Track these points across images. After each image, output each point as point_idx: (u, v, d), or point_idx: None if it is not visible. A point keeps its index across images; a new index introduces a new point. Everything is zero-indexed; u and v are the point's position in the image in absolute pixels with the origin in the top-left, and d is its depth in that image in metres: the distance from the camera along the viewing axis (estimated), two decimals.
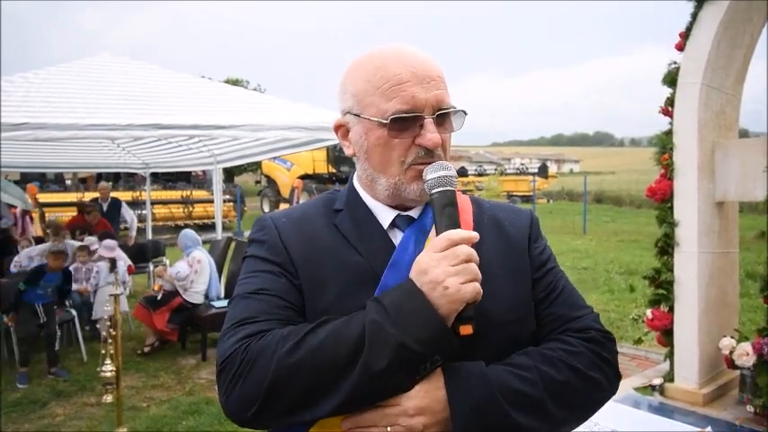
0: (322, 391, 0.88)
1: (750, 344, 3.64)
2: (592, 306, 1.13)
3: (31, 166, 9.73)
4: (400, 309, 0.89)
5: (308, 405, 0.89)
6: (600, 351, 1.03)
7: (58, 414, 4.45)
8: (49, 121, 4.21)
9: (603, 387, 1.03)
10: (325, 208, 1.12)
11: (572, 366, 0.98)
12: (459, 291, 0.88)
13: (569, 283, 1.14)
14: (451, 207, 0.97)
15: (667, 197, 4.02)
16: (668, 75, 4.02)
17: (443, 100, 1.02)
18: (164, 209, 17.35)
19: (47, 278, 5.41)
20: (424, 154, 1.01)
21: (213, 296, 6.12)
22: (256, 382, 0.89)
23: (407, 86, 1.00)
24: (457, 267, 0.89)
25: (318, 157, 20.33)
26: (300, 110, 5.83)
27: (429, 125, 1.00)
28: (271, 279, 1.02)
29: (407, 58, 1.02)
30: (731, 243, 4.18)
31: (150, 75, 6.11)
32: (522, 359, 0.98)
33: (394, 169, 1.03)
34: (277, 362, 0.89)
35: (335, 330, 0.91)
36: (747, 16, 3.89)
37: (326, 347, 0.89)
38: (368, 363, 0.87)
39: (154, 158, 9.13)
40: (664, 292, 4.08)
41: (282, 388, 0.89)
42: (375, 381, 0.87)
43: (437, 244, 0.92)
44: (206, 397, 4.71)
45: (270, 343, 0.91)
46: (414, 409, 0.89)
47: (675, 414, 3.72)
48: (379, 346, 0.87)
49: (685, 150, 3.92)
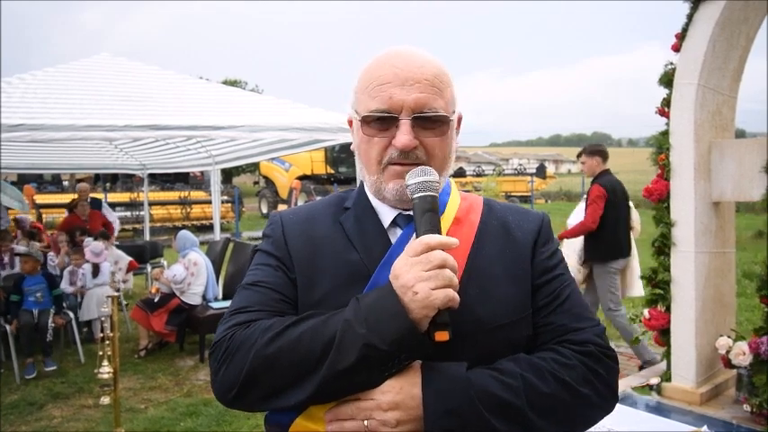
0: (292, 383, 0.92)
1: (746, 343, 3.65)
2: (599, 319, 1.10)
3: (29, 168, 9.72)
4: (373, 309, 0.91)
5: (279, 395, 0.94)
6: (595, 366, 0.99)
7: (55, 416, 4.44)
8: (47, 123, 4.20)
9: (594, 404, 0.99)
10: (336, 206, 1.15)
11: (560, 379, 0.96)
12: (429, 296, 0.87)
13: (577, 293, 1.10)
14: (431, 212, 0.97)
15: (664, 197, 4.03)
16: (664, 75, 4.04)
17: (426, 103, 1.01)
18: (162, 210, 17.35)
19: (27, 283, 5.45)
20: (398, 155, 1.02)
21: (211, 297, 6.11)
22: (236, 370, 0.95)
23: (387, 87, 1.01)
24: (429, 273, 0.88)
25: (317, 158, 20.32)
26: (298, 111, 5.83)
27: (403, 126, 1.01)
28: (270, 272, 1.07)
29: (398, 60, 1.03)
30: (728, 243, 4.20)
31: (148, 76, 6.11)
32: (509, 365, 0.96)
33: (373, 167, 1.06)
34: (254, 352, 0.94)
35: (313, 327, 0.94)
36: (743, 17, 3.90)
37: (302, 343, 0.93)
38: (334, 361, 0.90)
39: (152, 159, 9.12)
40: (661, 291, 4.09)
41: (257, 377, 0.94)
42: (341, 378, 0.90)
43: (412, 248, 0.92)
44: (204, 398, 4.70)
45: (252, 333, 0.96)
46: (387, 404, 0.90)
47: (672, 413, 3.72)
48: (346, 345, 0.89)
49: (682, 151, 3.93)
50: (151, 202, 14.19)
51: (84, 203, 8.16)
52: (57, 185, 18.99)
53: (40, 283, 5.51)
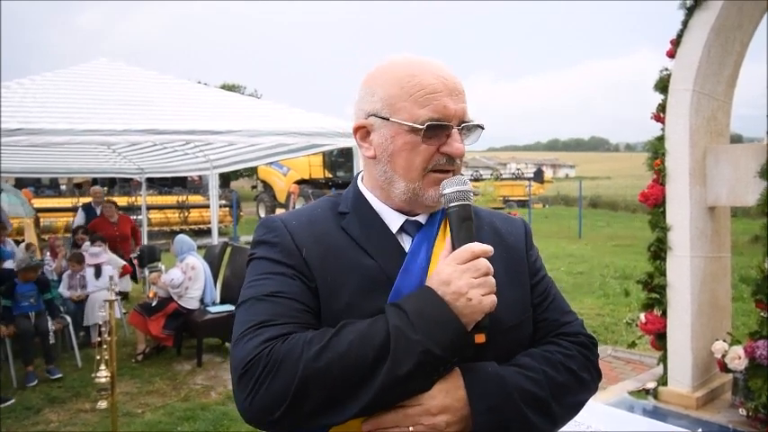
0: (347, 394, 0.91)
1: (742, 347, 3.67)
2: (575, 311, 1.23)
3: (27, 172, 9.71)
4: (423, 316, 0.93)
5: (333, 408, 0.91)
6: (588, 354, 1.13)
7: (52, 420, 4.42)
8: (45, 127, 4.20)
9: (590, 387, 1.12)
10: (331, 211, 1.14)
11: (569, 368, 1.07)
12: (482, 302, 0.94)
13: (557, 290, 1.23)
14: (469, 221, 1.02)
15: (660, 202, 4.05)
16: (660, 81, 4.07)
17: (467, 113, 1.08)
18: (159, 214, 17.31)
19: (19, 289, 5.43)
20: (446, 162, 1.06)
21: (208, 302, 6.10)
22: (283, 386, 0.90)
23: (440, 96, 1.04)
24: (479, 280, 0.95)
25: (315, 162, 20.31)
26: (296, 115, 5.84)
27: (455, 135, 1.05)
28: (286, 282, 1.03)
29: (438, 70, 1.07)
30: (723, 247, 4.22)
31: (146, 80, 6.12)
32: (528, 361, 1.05)
33: (415, 174, 1.06)
34: (304, 365, 0.90)
35: (359, 335, 0.93)
36: (737, 23, 3.94)
37: (352, 352, 0.91)
38: (392, 367, 0.90)
39: (150, 164, 9.11)
40: (657, 296, 4.11)
41: (309, 391, 0.90)
42: (398, 384, 0.91)
43: (460, 256, 0.97)
44: (201, 403, 4.70)
45: (295, 346, 0.92)
46: (436, 408, 0.94)
47: (669, 417, 3.74)
48: (402, 351, 0.91)
49: (677, 156, 3.96)
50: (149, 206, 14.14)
51: (110, 206, 8.13)
52: (54, 189, 18.95)
53: (33, 289, 5.51)
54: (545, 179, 27.48)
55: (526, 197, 23.93)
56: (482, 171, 36.29)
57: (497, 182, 23.38)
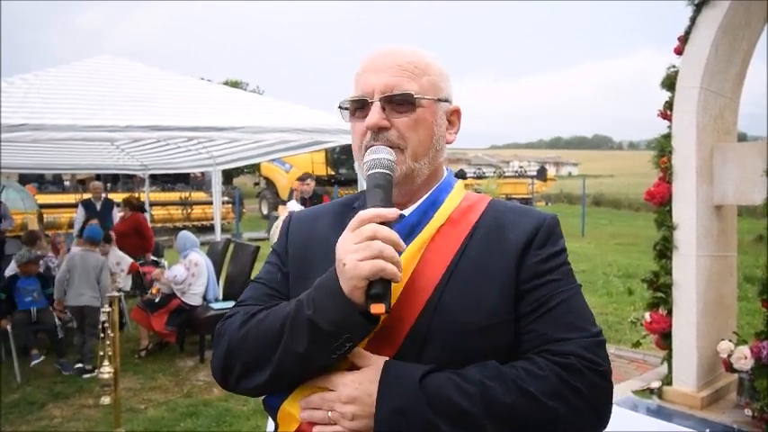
0: (257, 364, 0.99)
1: (748, 347, 3.64)
2: (600, 330, 1.01)
3: (30, 168, 9.71)
4: (319, 289, 0.95)
5: (248, 375, 1.00)
6: (570, 380, 0.91)
7: (55, 416, 4.43)
8: (48, 123, 4.20)
9: (563, 420, 0.90)
10: (346, 206, 1.17)
11: (524, 390, 0.90)
12: (356, 267, 0.87)
13: (575, 301, 1.01)
14: (378, 188, 0.97)
15: (666, 200, 4.02)
16: (667, 78, 4.04)
17: (395, 85, 1.02)
18: (162, 210, 17.33)
19: (20, 283, 5.48)
20: (371, 137, 1.04)
21: (211, 298, 6.11)
22: (219, 355, 1.05)
23: (363, 74, 1.06)
24: (360, 245, 0.88)
25: (317, 159, 20.29)
26: (299, 112, 5.83)
27: (372, 108, 1.03)
28: (268, 269, 1.16)
29: (379, 52, 1.07)
30: (729, 246, 4.19)
31: (149, 77, 6.11)
32: (472, 371, 0.92)
33: (358, 154, 1.08)
34: (230, 336, 1.03)
35: (276, 310, 1.00)
36: (745, 21, 3.90)
37: (263, 325, 1.00)
38: (288, 344, 0.94)
39: (153, 160, 9.12)
40: (662, 295, 4.08)
41: (232, 359, 1.02)
42: (297, 358, 0.94)
43: (351, 224, 0.93)
44: (204, 399, 4.70)
45: (234, 321, 1.05)
46: (346, 398, 0.93)
47: (674, 417, 3.72)
48: (297, 327, 0.94)
49: (684, 154, 3.93)
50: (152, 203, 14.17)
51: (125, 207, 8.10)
52: (58, 185, 18.99)
53: (35, 284, 5.55)
54: (548, 177, 27.32)
55: (529, 195, 23.85)
56: (485, 169, 36.18)
57: (500, 180, 23.26)
